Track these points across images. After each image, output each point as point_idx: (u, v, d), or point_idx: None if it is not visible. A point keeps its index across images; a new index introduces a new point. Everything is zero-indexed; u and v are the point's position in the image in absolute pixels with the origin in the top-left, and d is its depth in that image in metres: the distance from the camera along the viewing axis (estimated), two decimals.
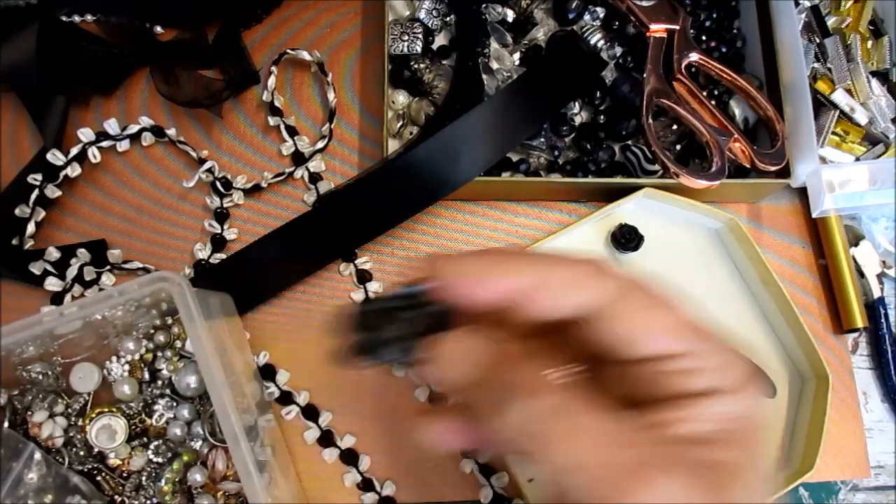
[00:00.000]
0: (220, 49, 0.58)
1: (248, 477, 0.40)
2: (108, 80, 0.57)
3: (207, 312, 0.43)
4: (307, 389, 0.53)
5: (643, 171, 0.56)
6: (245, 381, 0.48)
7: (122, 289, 0.44)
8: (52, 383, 0.49)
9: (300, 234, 0.53)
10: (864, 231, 0.60)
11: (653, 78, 0.53)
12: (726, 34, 0.60)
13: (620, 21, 0.59)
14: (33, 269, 0.51)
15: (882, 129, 0.58)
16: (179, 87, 0.55)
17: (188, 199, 0.56)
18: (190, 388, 0.48)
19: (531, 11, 0.58)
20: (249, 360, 0.52)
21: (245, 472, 0.40)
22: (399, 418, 0.53)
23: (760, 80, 0.58)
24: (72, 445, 0.48)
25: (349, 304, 0.55)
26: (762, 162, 0.52)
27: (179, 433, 0.48)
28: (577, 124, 0.57)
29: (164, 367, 0.50)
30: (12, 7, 0.55)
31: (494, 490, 0.52)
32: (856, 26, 0.60)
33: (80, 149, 0.53)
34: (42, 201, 0.52)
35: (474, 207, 0.57)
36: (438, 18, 0.58)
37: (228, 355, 0.46)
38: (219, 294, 0.51)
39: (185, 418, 0.49)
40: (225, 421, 0.40)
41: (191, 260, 0.54)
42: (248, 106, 0.58)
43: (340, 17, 0.60)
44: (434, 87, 0.56)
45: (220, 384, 0.41)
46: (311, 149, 0.57)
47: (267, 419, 0.49)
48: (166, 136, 0.55)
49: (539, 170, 0.56)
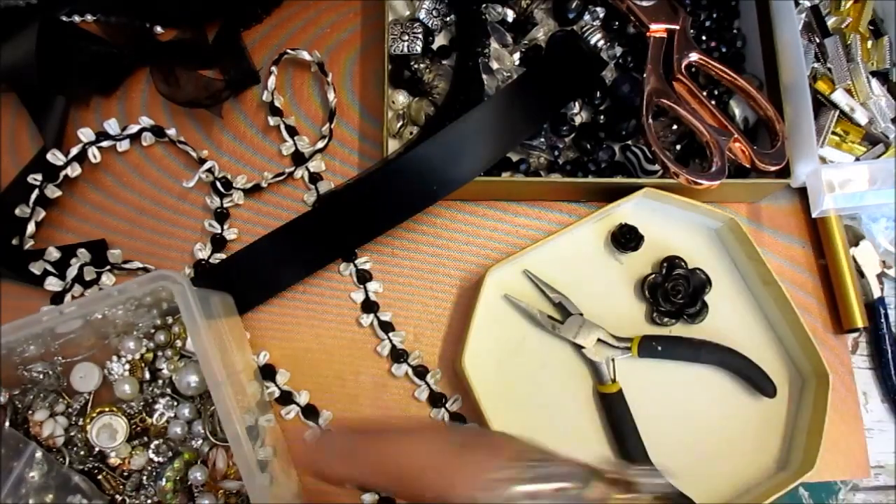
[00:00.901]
0: (220, 49, 0.58)
1: (250, 476, 0.40)
2: (108, 80, 0.57)
3: (208, 311, 0.44)
4: (307, 389, 0.53)
5: (643, 171, 0.56)
6: (246, 380, 0.48)
7: (123, 287, 0.44)
8: (52, 383, 0.49)
9: (300, 234, 0.53)
10: (864, 231, 0.60)
11: (653, 78, 0.53)
12: (726, 34, 0.60)
13: (620, 21, 0.59)
14: (33, 269, 0.51)
15: (882, 129, 0.58)
16: (179, 87, 0.55)
17: (188, 200, 0.56)
18: (190, 387, 0.48)
19: (531, 11, 0.58)
20: (250, 359, 0.52)
21: (247, 471, 0.40)
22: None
23: (760, 80, 0.58)
24: (73, 444, 0.48)
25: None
26: (762, 162, 0.52)
27: (180, 432, 0.49)
28: (577, 124, 0.57)
29: (164, 367, 0.50)
30: (12, 7, 0.55)
31: None
32: (856, 26, 0.60)
33: (80, 149, 0.53)
34: (42, 201, 0.52)
35: (474, 207, 0.57)
36: (438, 18, 0.58)
37: (229, 354, 0.46)
38: (219, 293, 0.51)
39: (186, 417, 0.49)
40: (226, 420, 0.41)
41: (191, 260, 0.54)
42: (248, 106, 0.58)
43: (340, 17, 0.61)
44: (434, 87, 0.56)
45: (222, 383, 0.41)
46: (311, 149, 0.57)
47: (267, 419, 0.49)
48: (166, 136, 0.55)
49: (539, 170, 0.56)
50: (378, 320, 0.54)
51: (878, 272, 0.59)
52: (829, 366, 0.52)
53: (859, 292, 0.57)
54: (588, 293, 0.55)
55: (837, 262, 0.58)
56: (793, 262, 0.59)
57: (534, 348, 0.54)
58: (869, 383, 0.58)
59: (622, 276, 0.56)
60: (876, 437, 0.57)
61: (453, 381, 0.54)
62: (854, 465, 0.55)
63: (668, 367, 0.54)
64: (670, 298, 0.54)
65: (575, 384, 0.54)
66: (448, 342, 0.54)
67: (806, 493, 0.55)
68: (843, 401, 0.56)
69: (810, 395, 0.54)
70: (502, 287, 0.55)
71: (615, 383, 0.52)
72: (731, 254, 0.57)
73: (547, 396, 0.54)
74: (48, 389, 0.49)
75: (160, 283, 0.43)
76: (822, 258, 0.59)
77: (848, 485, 0.56)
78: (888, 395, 0.57)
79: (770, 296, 0.55)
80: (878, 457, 0.56)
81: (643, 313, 0.56)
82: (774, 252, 0.59)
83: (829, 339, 0.58)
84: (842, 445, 0.55)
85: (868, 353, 0.59)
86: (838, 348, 0.58)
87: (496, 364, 0.53)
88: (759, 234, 0.59)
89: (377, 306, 0.55)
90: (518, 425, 0.52)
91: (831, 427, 0.53)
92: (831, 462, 0.55)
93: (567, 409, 0.54)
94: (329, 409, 0.53)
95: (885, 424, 0.57)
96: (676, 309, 0.54)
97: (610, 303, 0.55)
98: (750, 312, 0.56)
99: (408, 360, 0.53)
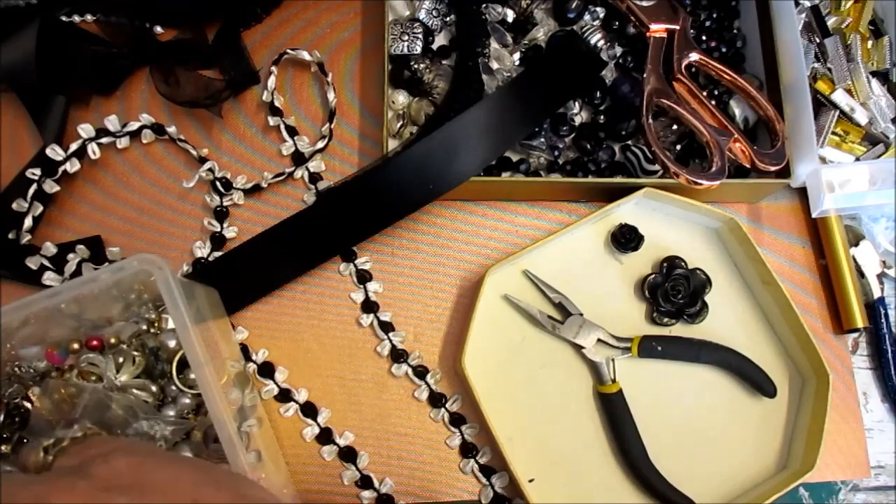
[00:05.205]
0: (220, 49, 0.58)
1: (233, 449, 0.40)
2: (108, 80, 0.57)
3: (193, 303, 0.43)
4: (306, 387, 0.53)
5: (643, 171, 0.56)
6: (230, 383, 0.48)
7: (97, 274, 0.42)
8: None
9: (297, 231, 0.53)
10: (864, 231, 0.60)
11: (653, 78, 0.53)
12: (726, 34, 0.60)
13: (620, 21, 0.59)
14: (30, 264, 0.51)
15: (882, 129, 0.58)
16: (179, 87, 0.55)
17: (188, 199, 0.56)
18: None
19: (531, 11, 0.58)
20: (237, 354, 0.52)
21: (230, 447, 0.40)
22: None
23: (760, 80, 0.58)
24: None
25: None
26: (762, 162, 0.52)
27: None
28: (577, 124, 0.57)
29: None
30: (12, 7, 0.55)
31: (494, 490, 0.52)
32: (856, 26, 0.60)
33: (80, 144, 0.53)
34: (40, 196, 0.52)
35: (474, 207, 0.57)
36: (438, 18, 0.58)
37: (217, 348, 0.46)
38: (205, 287, 0.51)
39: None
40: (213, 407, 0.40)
41: (190, 258, 0.54)
42: (248, 106, 0.58)
43: (340, 17, 0.61)
44: (434, 87, 0.56)
45: (205, 361, 0.40)
46: (311, 149, 0.57)
47: (250, 424, 0.49)
48: (166, 134, 0.55)
49: (539, 170, 0.56)
50: (378, 320, 0.54)
51: (878, 272, 0.59)
52: (829, 366, 0.52)
53: (859, 292, 0.57)
54: (588, 293, 0.55)
55: (837, 262, 0.58)
56: (793, 262, 0.59)
57: (534, 348, 0.54)
58: (869, 383, 0.58)
59: (622, 276, 0.56)
60: (876, 437, 0.57)
61: (453, 381, 0.54)
62: (854, 465, 0.55)
63: (668, 367, 0.54)
64: (670, 298, 0.54)
65: (575, 384, 0.54)
66: (448, 342, 0.54)
67: (806, 493, 0.55)
68: (843, 401, 0.56)
69: (810, 395, 0.54)
70: (502, 287, 0.55)
71: (615, 383, 0.52)
72: (731, 254, 0.57)
73: (547, 396, 0.54)
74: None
75: (138, 268, 0.42)
76: (822, 258, 0.59)
77: (848, 485, 0.56)
78: (888, 395, 0.57)
79: (770, 296, 0.55)
80: (878, 457, 0.56)
81: (643, 313, 0.56)
82: (774, 252, 0.59)
83: (829, 339, 0.58)
84: (842, 445, 0.55)
85: (868, 353, 0.59)
86: (838, 348, 0.58)
87: (496, 364, 0.53)
88: (759, 234, 0.59)
89: (377, 306, 0.55)
90: (518, 425, 0.52)
91: (831, 427, 0.53)
92: (831, 462, 0.55)
93: (567, 409, 0.54)
94: (329, 408, 0.53)
95: (885, 424, 0.57)
96: (676, 309, 0.54)
97: (610, 303, 0.55)
98: (750, 312, 0.56)
99: (408, 360, 0.53)
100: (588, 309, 0.54)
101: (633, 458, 0.51)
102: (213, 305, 0.51)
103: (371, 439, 0.52)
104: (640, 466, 0.51)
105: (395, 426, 0.53)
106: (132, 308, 0.49)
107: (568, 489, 0.52)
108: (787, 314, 0.54)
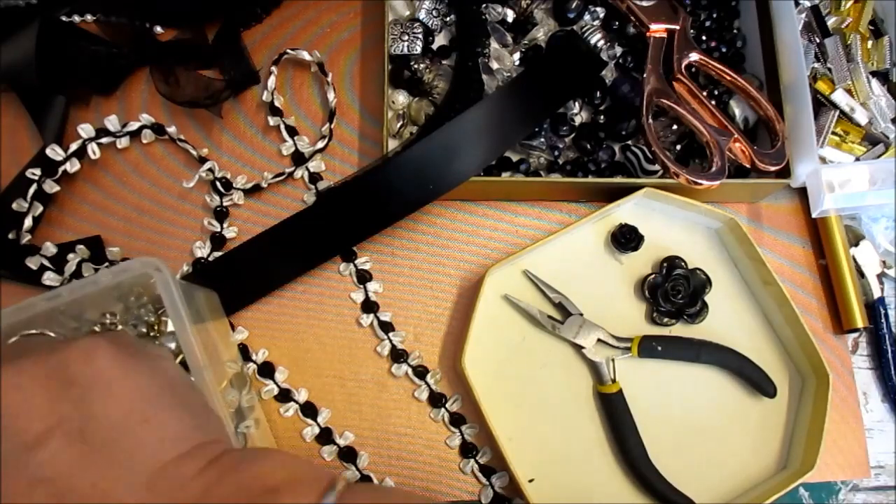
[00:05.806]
0: (220, 49, 0.58)
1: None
2: (108, 80, 0.57)
3: (193, 305, 0.43)
4: (306, 387, 0.53)
5: (643, 171, 0.56)
6: (229, 386, 0.48)
7: (97, 277, 0.42)
8: None
9: (297, 232, 0.53)
10: (864, 231, 0.60)
11: (653, 78, 0.53)
12: (726, 34, 0.60)
13: (620, 21, 0.59)
14: (30, 263, 0.51)
15: (882, 129, 0.58)
16: (179, 87, 0.55)
17: (188, 199, 0.56)
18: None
19: (531, 11, 0.58)
20: (236, 357, 0.52)
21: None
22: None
23: (760, 80, 0.58)
24: None
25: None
26: (762, 162, 0.52)
27: None
28: (577, 124, 0.57)
29: None
30: (12, 7, 0.55)
31: (494, 490, 0.52)
32: (856, 26, 0.60)
33: (80, 144, 0.53)
34: (40, 196, 0.52)
35: (474, 207, 0.57)
36: (438, 18, 0.58)
37: (216, 352, 0.46)
38: (204, 290, 0.51)
39: None
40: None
41: (190, 258, 0.54)
42: (248, 106, 0.58)
43: (340, 17, 0.61)
44: (434, 87, 0.56)
45: (205, 365, 0.40)
46: (311, 149, 0.57)
47: (247, 425, 0.49)
48: (166, 134, 0.55)
49: (539, 170, 0.56)
50: (378, 320, 0.54)
51: (878, 272, 0.59)
52: (829, 366, 0.52)
53: (859, 292, 0.57)
54: (588, 293, 0.55)
55: (837, 262, 0.58)
56: (793, 262, 0.59)
57: (534, 348, 0.54)
58: (869, 383, 0.58)
59: (622, 276, 0.56)
60: (876, 437, 0.57)
61: (453, 381, 0.54)
62: (854, 465, 0.55)
63: (668, 367, 0.54)
64: (670, 298, 0.54)
65: (575, 384, 0.54)
66: (448, 342, 0.54)
67: (806, 493, 0.55)
68: (843, 401, 0.56)
69: (810, 395, 0.54)
70: (502, 287, 0.55)
71: (615, 383, 0.52)
72: (731, 254, 0.57)
73: (547, 396, 0.54)
74: None
75: (139, 271, 0.41)
76: (822, 258, 0.59)
77: (848, 485, 0.56)
78: (888, 395, 0.57)
79: (770, 296, 0.55)
80: (879, 457, 0.56)
81: (643, 313, 0.56)
82: (774, 252, 0.59)
83: (829, 339, 0.58)
84: (842, 445, 0.55)
85: (868, 353, 0.59)
86: (838, 348, 0.58)
87: (496, 364, 0.53)
88: (759, 234, 0.59)
89: (377, 306, 0.55)
90: (518, 425, 0.52)
91: (831, 427, 0.53)
92: (831, 462, 0.55)
93: (567, 409, 0.54)
94: (329, 409, 0.53)
95: (886, 424, 0.57)
96: (676, 309, 0.54)
97: (610, 303, 0.55)
98: (750, 312, 0.56)
99: (408, 360, 0.53)
100: (588, 309, 0.54)
101: (633, 458, 0.51)
102: (213, 308, 0.51)
103: (371, 439, 0.53)
104: (640, 466, 0.51)
105: (395, 426, 0.53)
106: (132, 311, 0.49)
107: (568, 489, 0.52)
108: (787, 314, 0.54)
